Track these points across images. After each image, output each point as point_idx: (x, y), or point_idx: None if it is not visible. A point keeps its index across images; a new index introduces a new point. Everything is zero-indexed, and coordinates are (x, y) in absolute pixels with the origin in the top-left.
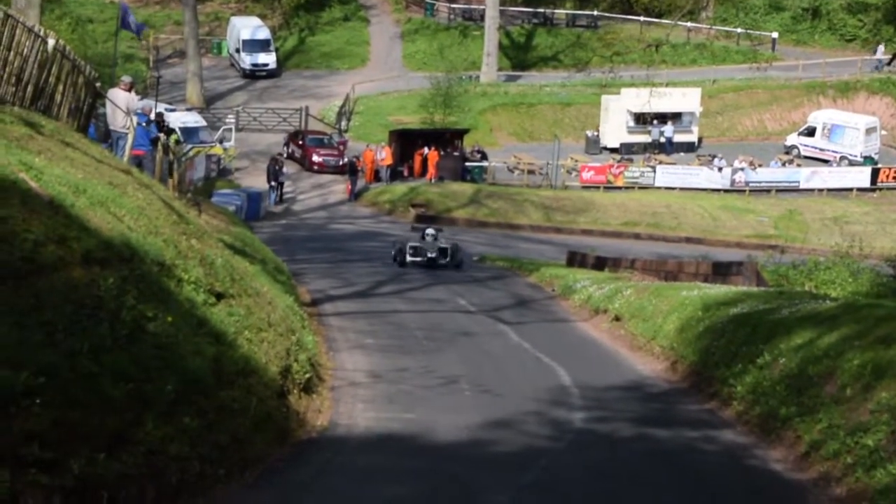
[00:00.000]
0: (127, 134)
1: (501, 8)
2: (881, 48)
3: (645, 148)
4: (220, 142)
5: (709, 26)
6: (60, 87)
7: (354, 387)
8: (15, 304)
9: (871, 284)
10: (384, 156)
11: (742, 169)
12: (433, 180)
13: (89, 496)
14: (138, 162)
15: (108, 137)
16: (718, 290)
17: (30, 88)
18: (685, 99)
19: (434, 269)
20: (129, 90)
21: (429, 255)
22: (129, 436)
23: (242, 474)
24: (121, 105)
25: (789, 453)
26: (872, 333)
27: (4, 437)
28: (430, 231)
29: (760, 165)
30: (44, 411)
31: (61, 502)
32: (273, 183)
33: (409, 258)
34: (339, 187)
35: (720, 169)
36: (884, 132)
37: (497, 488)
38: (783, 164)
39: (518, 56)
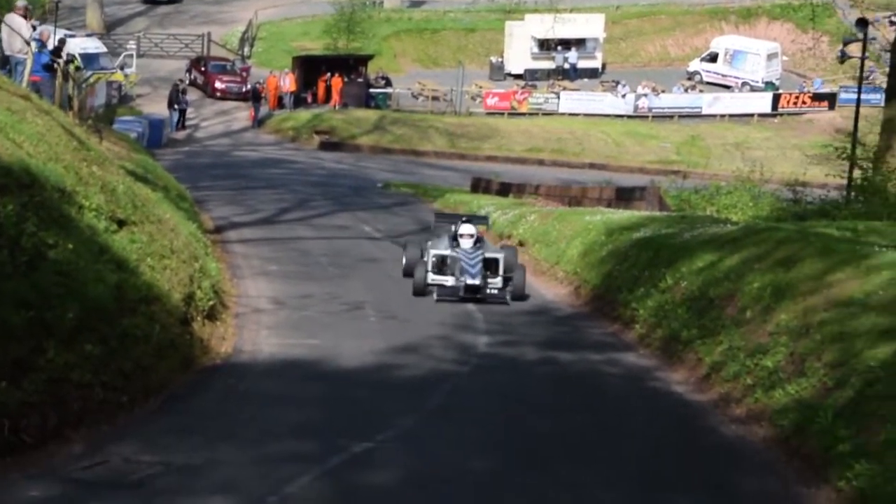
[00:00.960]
0: (25, 59)
1: None
2: None
3: (549, 74)
4: (121, 68)
5: None
6: None
7: (258, 313)
8: None
9: (772, 208)
10: (288, 82)
11: (645, 95)
12: (337, 107)
13: None
14: (36, 88)
15: (5, 63)
16: (621, 214)
17: None
18: (589, 25)
19: (478, 301)
20: (25, 15)
21: (468, 280)
22: (30, 363)
23: (146, 401)
24: (16, 30)
25: (690, 375)
26: (772, 256)
27: None
28: (466, 229)
29: (663, 91)
30: None
31: None
32: (176, 106)
33: (431, 278)
34: (242, 114)
35: (623, 95)
36: (785, 58)
37: (403, 412)
38: (686, 90)
39: None
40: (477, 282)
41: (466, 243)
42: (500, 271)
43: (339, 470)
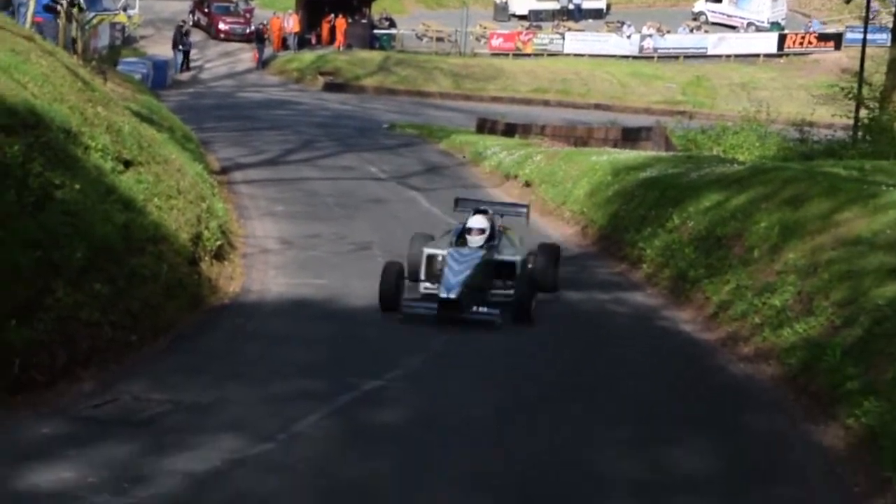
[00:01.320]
0: (28, 1)
1: None
2: None
3: (553, 15)
4: (124, 9)
5: None
6: None
7: (266, 253)
8: None
9: (778, 148)
10: (291, 23)
11: (650, 35)
12: (341, 48)
13: (0, 361)
14: (40, 29)
15: (8, 5)
16: (628, 154)
17: None
18: None
19: (454, 321)
20: None
21: (441, 293)
22: (38, 303)
23: (155, 340)
24: None
25: (698, 314)
26: (779, 196)
27: None
28: (477, 221)
29: (668, 32)
30: None
31: None
32: (180, 48)
33: (424, 286)
34: (246, 55)
35: (629, 36)
36: None
37: (410, 352)
38: (691, 31)
39: None
40: (452, 296)
41: (475, 240)
42: (519, 285)
43: (348, 408)
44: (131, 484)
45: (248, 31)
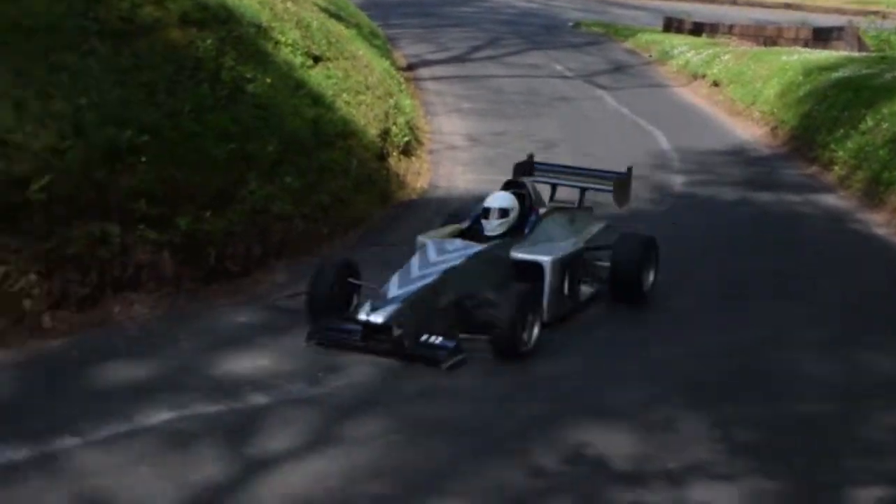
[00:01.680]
0: None
1: None
2: None
3: None
4: None
5: None
6: None
7: (453, 150)
8: (115, 64)
9: None
10: None
11: None
12: None
13: (197, 252)
14: None
15: None
16: (819, 54)
17: None
18: None
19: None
20: None
21: (363, 313)
22: (233, 194)
23: (345, 234)
24: None
25: (893, 217)
26: None
27: (112, 193)
28: (498, 200)
29: None
30: (149, 169)
31: (170, 257)
32: None
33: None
34: None
35: None
36: None
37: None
38: None
39: None
40: (378, 319)
41: (491, 227)
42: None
43: None
44: (325, 373)
45: None
